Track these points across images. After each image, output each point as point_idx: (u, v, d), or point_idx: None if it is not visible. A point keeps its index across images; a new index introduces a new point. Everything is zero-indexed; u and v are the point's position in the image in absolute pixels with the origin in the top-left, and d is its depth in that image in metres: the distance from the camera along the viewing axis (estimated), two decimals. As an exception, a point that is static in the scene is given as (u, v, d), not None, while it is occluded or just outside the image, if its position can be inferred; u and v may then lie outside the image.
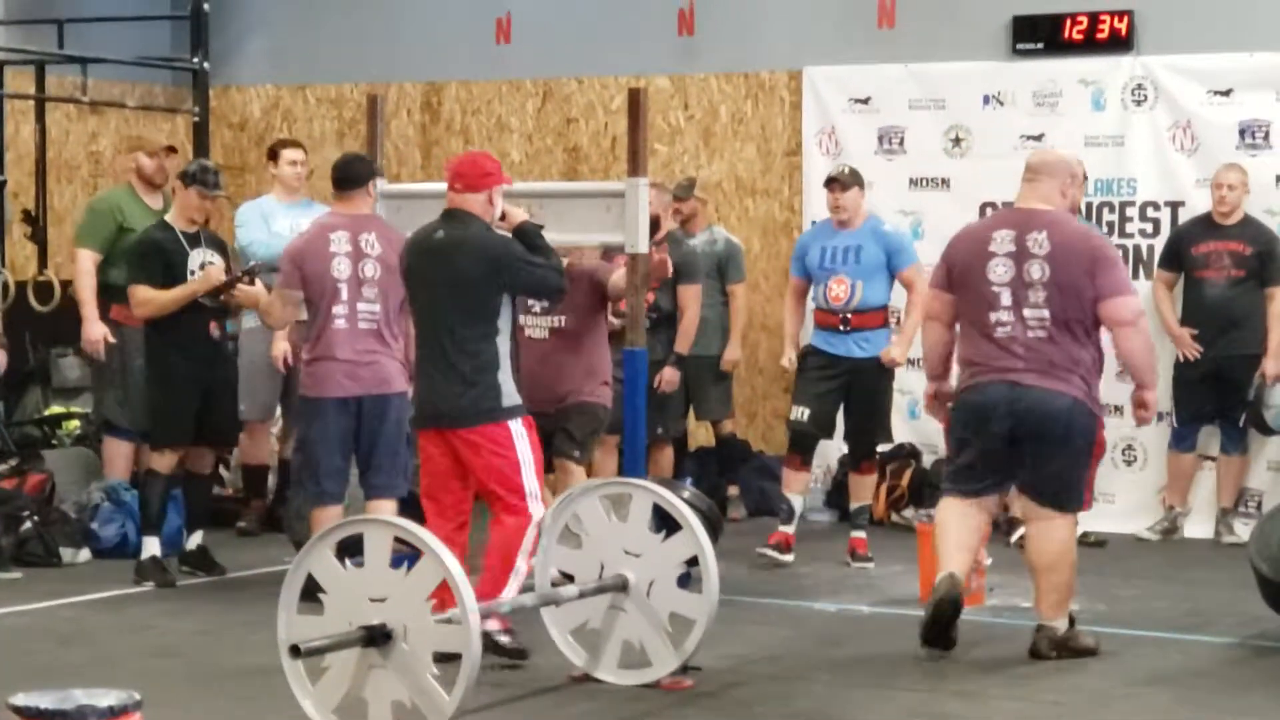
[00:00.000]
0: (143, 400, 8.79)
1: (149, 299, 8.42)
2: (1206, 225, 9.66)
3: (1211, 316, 9.54)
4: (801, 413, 8.87)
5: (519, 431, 6.83)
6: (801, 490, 9.03)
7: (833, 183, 8.91)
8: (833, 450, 10.05)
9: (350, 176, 7.78)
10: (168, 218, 8.66)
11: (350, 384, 7.66)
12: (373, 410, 7.69)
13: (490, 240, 6.83)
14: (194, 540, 8.64)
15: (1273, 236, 9.60)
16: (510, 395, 6.83)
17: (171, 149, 9.64)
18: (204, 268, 8.42)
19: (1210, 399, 9.64)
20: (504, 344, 6.86)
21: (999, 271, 6.86)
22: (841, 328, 8.86)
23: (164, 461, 8.49)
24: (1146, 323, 7.18)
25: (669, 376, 9.49)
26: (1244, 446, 9.67)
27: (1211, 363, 9.57)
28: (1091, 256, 6.83)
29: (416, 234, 7.01)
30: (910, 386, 9.88)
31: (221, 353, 8.55)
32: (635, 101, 7.80)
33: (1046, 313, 6.80)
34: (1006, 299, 6.84)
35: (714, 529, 8.30)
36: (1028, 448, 6.87)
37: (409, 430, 7.58)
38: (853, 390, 8.90)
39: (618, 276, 8.18)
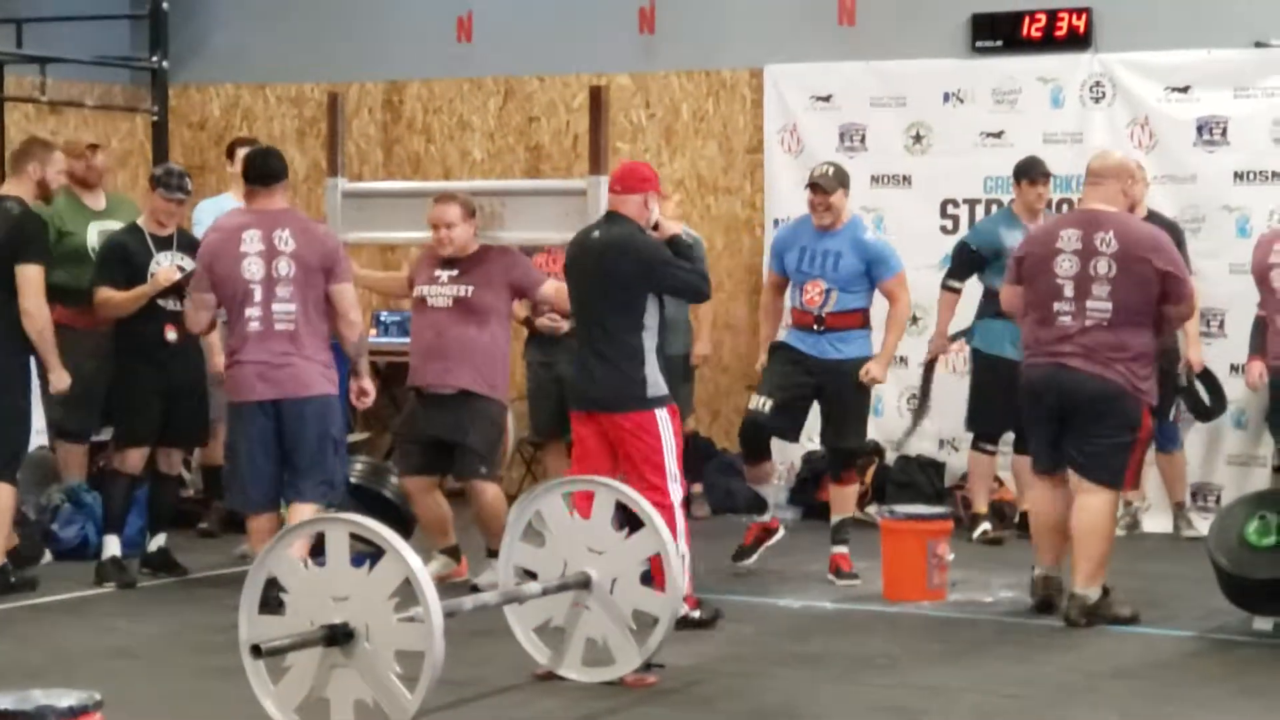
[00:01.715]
0: (98, 401, 8.72)
1: (106, 299, 8.43)
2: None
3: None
4: (763, 403, 8.40)
5: (664, 419, 7.29)
6: (765, 479, 8.60)
7: (815, 187, 8.48)
8: (794, 448, 10.03)
9: (266, 172, 7.64)
10: (139, 221, 8.63)
11: (265, 387, 7.51)
12: (291, 414, 7.51)
13: (640, 242, 7.33)
14: (156, 542, 8.62)
15: (1176, 228, 9.47)
16: (655, 385, 7.30)
17: (94, 146, 9.48)
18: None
19: (1168, 395, 9.68)
20: (650, 339, 7.32)
21: (1064, 266, 7.48)
22: (816, 327, 8.43)
23: (129, 462, 8.48)
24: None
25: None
26: (1179, 442, 9.71)
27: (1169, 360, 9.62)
28: (1156, 253, 7.42)
29: (578, 232, 7.52)
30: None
31: (180, 355, 8.45)
32: (596, 99, 7.92)
33: (1109, 305, 7.40)
34: (1069, 291, 7.46)
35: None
36: (1074, 424, 7.46)
37: (336, 435, 7.62)
38: (827, 394, 8.42)
39: (551, 290, 8.28)
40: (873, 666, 6.90)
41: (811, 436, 9.18)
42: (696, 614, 7.34)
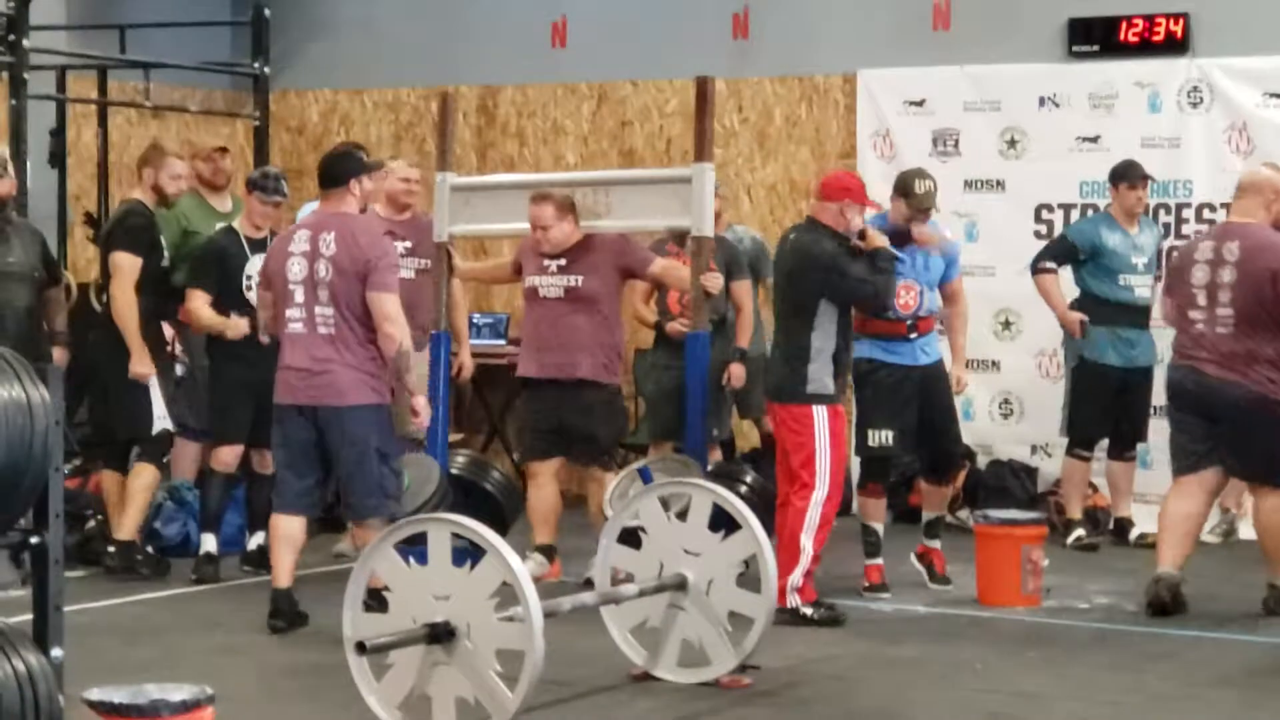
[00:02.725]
0: (205, 400, 8.90)
1: (193, 310, 8.61)
2: None
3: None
4: (885, 436, 8.21)
5: (820, 416, 7.58)
6: (881, 517, 8.42)
7: (925, 210, 8.33)
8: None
9: (326, 175, 7.54)
10: (235, 224, 8.76)
11: (302, 391, 7.33)
12: (329, 422, 7.31)
13: (818, 250, 7.67)
14: (255, 540, 8.73)
15: None
16: (818, 383, 7.61)
17: (223, 149, 9.70)
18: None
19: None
20: (821, 339, 7.63)
21: (1198, 276, 7.86)
22: (910, 335, 8.33)
23: (222, 459, 8.61)
24: None
25: (737, 372, 9.13)
26: None
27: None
28: (1275, 259, 7.65)
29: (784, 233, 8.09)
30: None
31: (272, 354, 8.44)
32: (703, 90, 8.12)
33: (1232, 311, 7.73)
34: (1202, 299, 7.83)
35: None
36: (1225, 432, 7.80)
37: (380, 446, 7.31)
38: (928, 399, 8.28)
39: (659, 268, 8.43)
40: (968, 671, 6.90)
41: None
42: (809, 611, 7.54)
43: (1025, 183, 10.37)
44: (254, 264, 8.49)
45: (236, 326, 8.50)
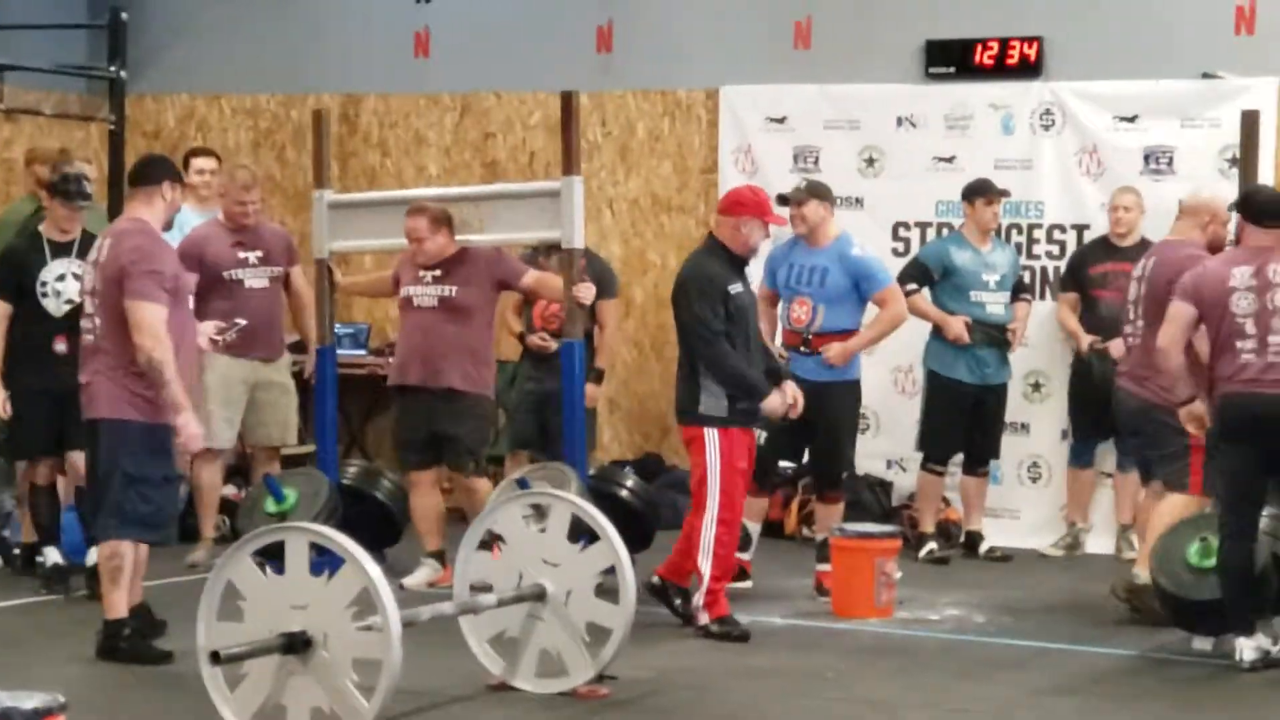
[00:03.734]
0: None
1: None
2: (1104, 247, 9.86)
3: (1108, 335, 9.73)
4: (758, 435, 8.21)
5: (712, 439, 7.55)
6: (757, 516, 8.59)
7: (782, 199, 8.56)
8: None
9: (134, 173, 7.19)
10: (41, 228, 8.47)
11: (84, 406, 7.03)
12: (89, 436, 7.02)
13: (690, 271, 7.70)
14: (93, 555, 8.53)
15: None
16: (710, 405, 7.56)
17: (63, 151, 9.50)
18: (62, 279, 8.23)
19: (1105, 416, 9.80)
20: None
21: (1130, 292, 8.20)
22: (803, 349, 8.53)
23: (35, 473, 8.46)
24: None
25: (591, 393, 9.19)
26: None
27: (1106, 381, 9.74)
28: (1174, 272, 7.68)
29: None
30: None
31: (71, 363, 7.64)
32: (568, 105, 8.21)
33: (1143, 324, 7.95)
34: (1130, 314, 8.15)
35: (655, 519, 8.63)
36: (1134, 440, 8.50)
37: (127, 467, 6.87)
38: (816, 414, 8.24)
39: (532, 280, 8.56)
40: (822, 681, 6.99)
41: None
42: (712, 626, 7.60)
43: (883, 201, 10.52)
44: (53, 269, 8.28)
45: None
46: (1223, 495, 7.25)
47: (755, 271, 8.44)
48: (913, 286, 9.60)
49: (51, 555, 8.46)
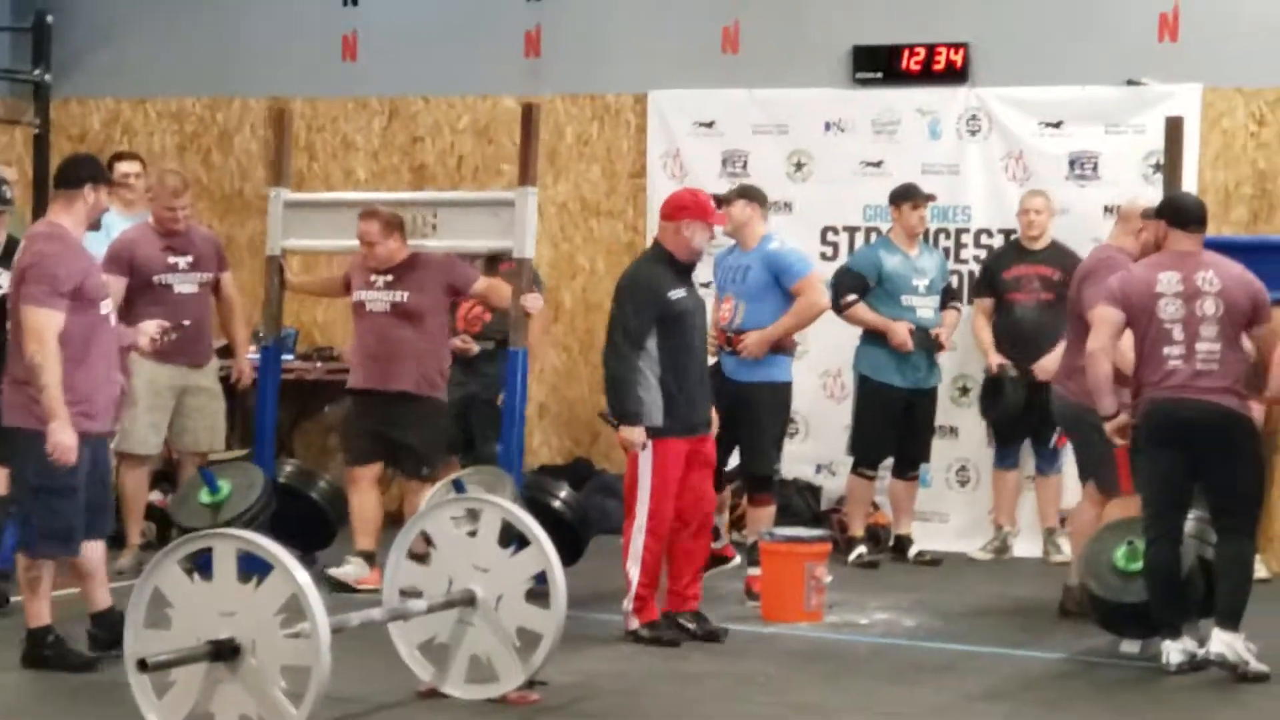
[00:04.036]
0: None
1: None
2: (1016, 250, 9.94)
3: (1022, 338, 9.78)
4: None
5: (645, 449, 7.44)
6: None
7: (718, 202, 8.44)
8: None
9: (58, 176, 7.12)
10: None
11: (3, 411, 6.89)
12: (6, 444, 6.95)
13: (627, 277, 7.67)
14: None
15: (1078, 260, 9.85)
16: (645, 413, 7.47)
17: None
18: None
19: (1024, 419, 9.89)
20: (648, 364, 7.48)
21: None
22: (727, 347, 8.62)
23: None
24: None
25: None
26: (1058, 466, 9.91)
27: (1024, 384, 9.82)
28: (1082, 273, 8.11)
29: None
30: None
31: None
32: (527, 116, 8.36)
33: (1068, 327, 8.18)
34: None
35: (585, 531, 8.61)
36: (1072, 443, 8.63)
37: (31, 478, 6.75)
38: (739, 414, 8.39)
39: (483, 286, 8.63)
40: (752, 685, 7.00)
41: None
42: (643, 631, 7.58)
43: (812, 205, 10.55)
44: None
45: None
46: (1149, 499, 7.30)
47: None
48: (852, 297, 9.63)
49: None
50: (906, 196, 9.75)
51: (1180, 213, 7.40)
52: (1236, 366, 7.16)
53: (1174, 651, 7.14)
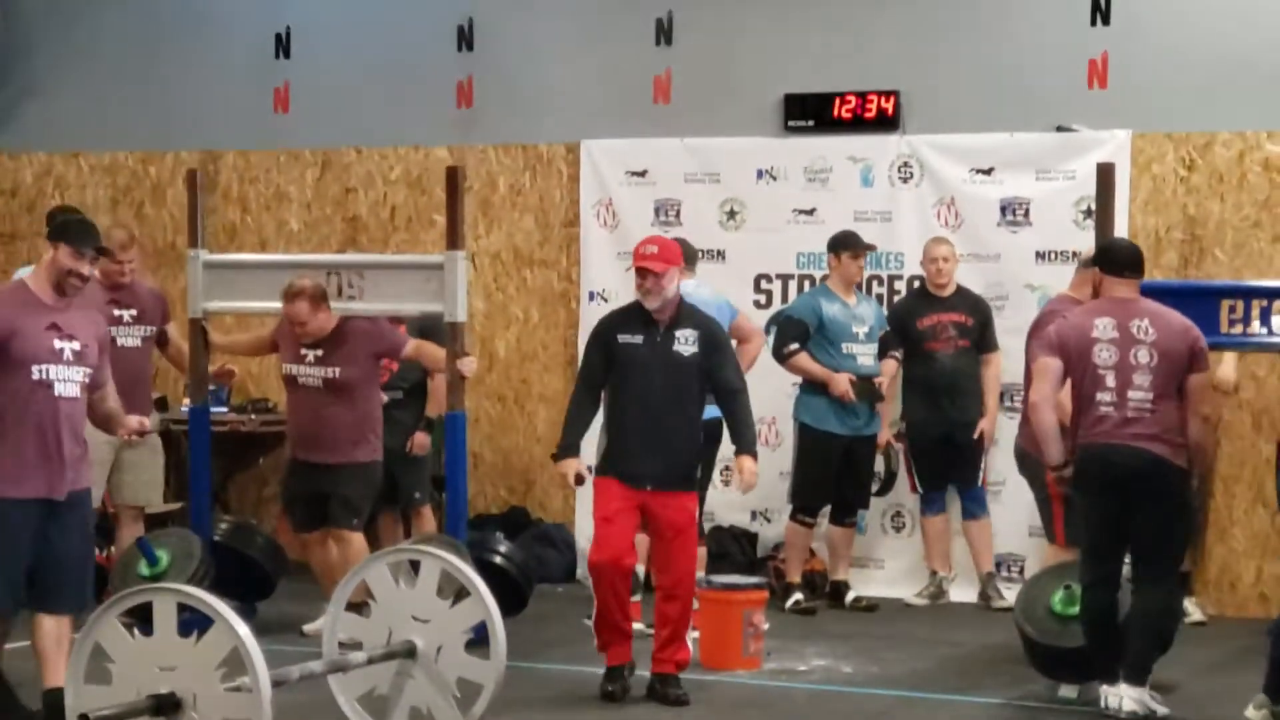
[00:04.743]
0: None
1: None
2: (926, 299, 10.01)
3: (940, 386, 9.85)
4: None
5: (596, 487, 7.58)
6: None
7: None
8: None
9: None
10: None
11: None
12: None
13: (599, 324, 7.70)
14: None
15: (987, 305, 10.01)
16: (600, 453, 7.64)
17: None
18: None
19: (946, 465, 9.96)
20: (602, 411, 7.61)
21: None
22: None
23: None
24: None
25: (420, 440, 9.41)
26: (986, 508, 9.97)
27: (944, 431, 9.88)
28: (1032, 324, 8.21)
29: None
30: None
31: None
32: (453, 179, 8.34)
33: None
34: None
35: (528, 585, 8.58)
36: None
37: None
38: None
39: (413, 349, 8.66)
40: (693, 734, 7.00)
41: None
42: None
43: (745, 253, 10.60)
44: None
45: None
46: (1085, 544, 7.35)
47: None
48: (794, 346, 9.68)
49: None
50: (846, 245, 9.80)
51: (1114, 260, 7.46)
52: (1169, 416, 7.20)
53: (1128, 699, 7.09)
